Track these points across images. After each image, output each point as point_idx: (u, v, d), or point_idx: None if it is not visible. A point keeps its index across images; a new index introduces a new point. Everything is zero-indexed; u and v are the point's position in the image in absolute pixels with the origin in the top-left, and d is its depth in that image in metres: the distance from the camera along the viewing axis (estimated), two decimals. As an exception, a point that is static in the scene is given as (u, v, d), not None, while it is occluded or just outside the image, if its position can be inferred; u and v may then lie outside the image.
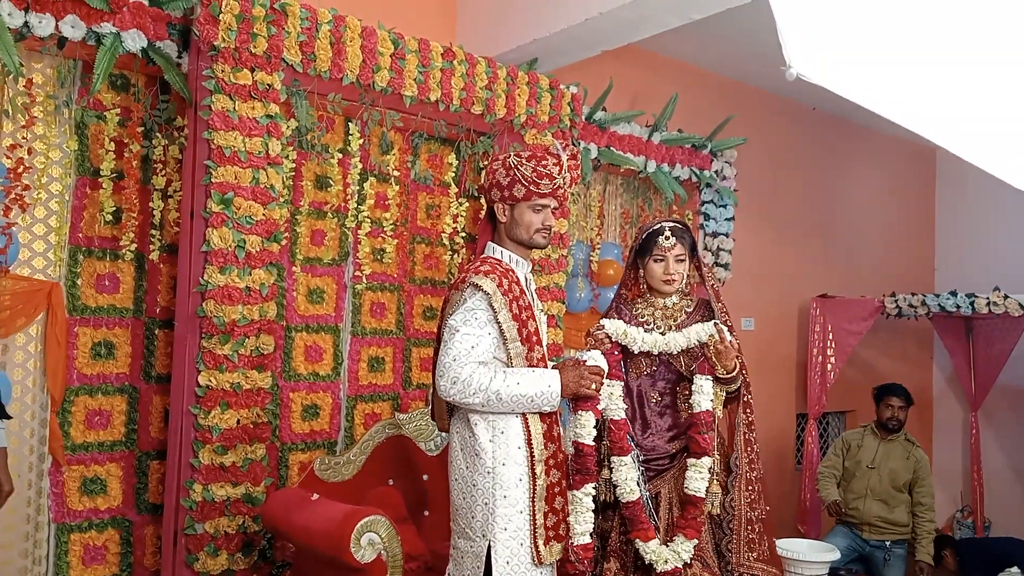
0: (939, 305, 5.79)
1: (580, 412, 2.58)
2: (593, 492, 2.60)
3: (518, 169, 2.48)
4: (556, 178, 2.50)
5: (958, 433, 7.15)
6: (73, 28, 3.05)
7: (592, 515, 2.58)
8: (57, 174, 3.26)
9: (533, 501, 2.40)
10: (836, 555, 3.97)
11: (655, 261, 2.84)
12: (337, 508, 2.98)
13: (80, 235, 3.31)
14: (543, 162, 2.49)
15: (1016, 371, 6.58)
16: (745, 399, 2.89)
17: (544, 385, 2.39)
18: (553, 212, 2.57)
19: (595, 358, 2.57)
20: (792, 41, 1.16)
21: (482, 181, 2.60)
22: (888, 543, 4.90)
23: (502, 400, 2.34)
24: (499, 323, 2.38)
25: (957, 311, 5.72)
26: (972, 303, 5.59)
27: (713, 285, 2.93)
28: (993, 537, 5.34)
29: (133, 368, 3.44)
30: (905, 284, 6.63)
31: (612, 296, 3.14)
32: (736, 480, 2.81)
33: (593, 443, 2.61)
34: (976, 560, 5.13)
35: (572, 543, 2.54)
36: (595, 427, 2.60)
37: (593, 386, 2.51)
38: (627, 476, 2.71)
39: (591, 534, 2.58)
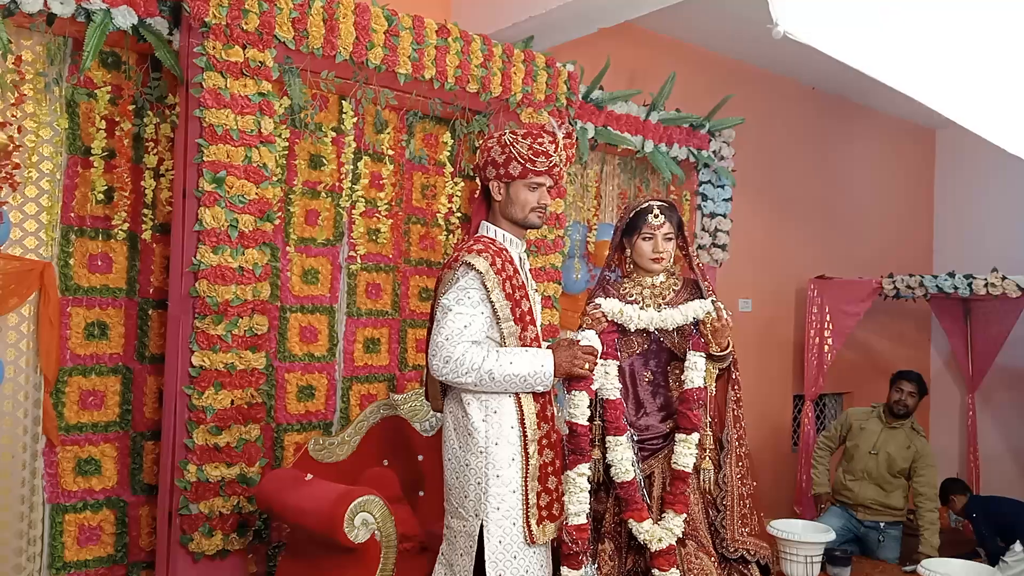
0: (937, 286, 5.77)
1: (574, 392, 2.58)
2: (588, 472, 2.60)
3: (513, 147, 2.45)
4: (552, 156, 2.48)
5: (955, 415, 7.16)
6: (62, 4, 3.01)
7: (587, 495, 2.59)
8: (48, 153, 3.23)
9: (526, 481, 2.40)
10: (831, 535, 3.97)
11: (644, 239, 2.83)
12: (331, 488, 2.98)
13: (72, 214, 3.28)
14: (539, 139, 2.47)
15: (1013, 353, 6.58)
16: (734, 376, 2.89)
17: (537, 365, 2.38)
18: (548, 191, 2.55)
19: (589, 338, 2.57)
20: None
21: (477, 159, 2.58)
22: (883, 524, 4.91)
23: (495, 380, 2.32)
24: (492, 302, 2.37)
25: (955, 292, 5.70)
26: (970, 284, 5.58)
27: (699, 264, 2.93)
28: (1002, 497, 5.34)
29: (127, 348, 3.43)
30: (903, 265, 6.62)
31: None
32: (727, 455, 2.81)
33: (587, 423, 2.61)
34: (982, 514, 5.14)
35: (566, 523, 2.54)
36: (589, 407, 2.60)
37: (587, 366, 2.50)
38: (622, 456, 2.71)
39: (586, 515, 2.58)
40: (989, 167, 6.87)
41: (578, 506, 2.56)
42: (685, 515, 2.69)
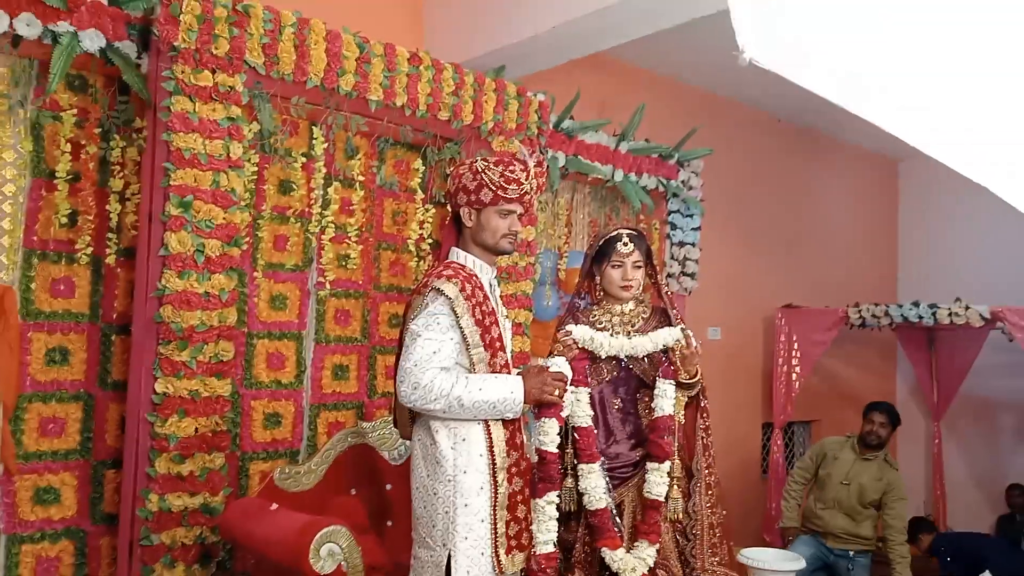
0: (902, 315, 5.86)
1: (543, 419, 2.56)
2: (556, 500, 2.58)
3: (485, 174, 2.46)
4: (523, 184, 2.48)
5: (921, 443, 7.23)
6: (28, 26, 2.98)
7: (555, 523, 2.56)
8: (11, 175, 3.18)
9: (495, 510, 2.37)
10: (801, 564, 3.98)
11: (613, 267, 2.85)
12: (296, 518, 2.93)
13: (35, 238, 3.22)
14: (510, 167, 2.48)
15: (978, 381, 6.67)
16: (703, 404, 2.90)
17: (507, 391, 2.36)
18: (519, 218, 2.55)
19: (559, 364, 2.56)
20: (745, 25, 1.15)
21: (448, 186, 2.58)
22: (852, 553, 4.92)
23: (464, 406, 2.30)
24: (461, 328, 2.35)
25: (919, 321, 5.78)
26: (934, 313, 5.66)
27: (668, 292, 2.95)
28: (968, 532, 5.39)
29: (89, 375, 3.36)
30: (869, 294, 6.70)
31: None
32: (697, 484, 2.81)
33: (556, 451, 2.59)
34: (948, 550, 5.18)
35: (535, 552, 2.51)
36: (559, 434, 2.59)
37: (556, 393, 2.49)
38: (595, 484, 2.70)
39: (553, 543, 2.56)
40: (952, 198, 7.01)
41: (547, 534, 2.54)
42: (657, 545, 2.68)
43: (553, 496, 2.56)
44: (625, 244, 2.84)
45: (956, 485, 6.89)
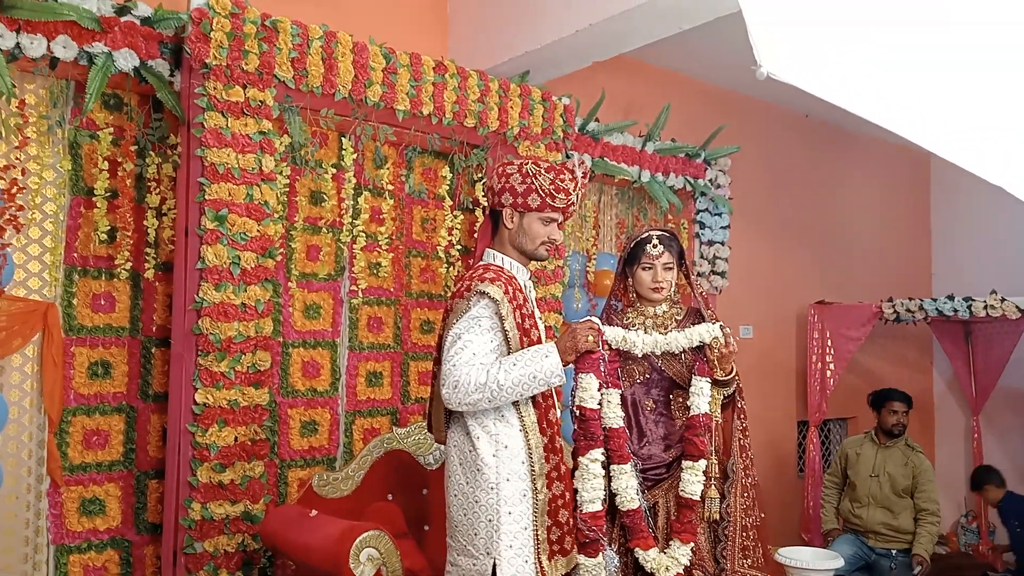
0: (936, 309, 5.78)
1: (582, 375, 2.54)
2: (601, 458, 2.56)
3: (536, 179, 2.45)
4: (571, 194, 2.49)
5: (960, 438, 7.13)
6: (65, 48, 3.06)
7: (601, 481, 2.54)
8: (51, 194, 3.26)
9: (535, 516, 2.38)
10: (840, 563, 3.95)
11: (643, 269, 2.85)
12: (335, 524, 2.97)
13: (75, 255, 3.31)
14: (560, 176, 2.47)
15: (1016, 374, 6.56)
16: (739, 404, 2.89)
17: (541, 356, 2.32)
18: (558, 226, 2.55)
19: (588, 319, 2.53)
20: (762, 39, 1.16)
21: (491, 184, 2.56)
22: (894, 552, 4.87)
23: (503, 387, 2.27)
24: (505, 331, 2.35)
25: (955, 315, 5.71)
26: (969, 306, 5.58)
27: (702, 292, 2.94)
28: None
29: (130, 387, 3.43)
30: (902, 289, 6.62)
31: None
32: (732, 485, 2.80)
33: (597, 407, 2.58)
34: (1015, 513, 5.18)
35: (581, 511, 2.51)
36: (598, 390, 2.56)
37: (591, 338, 2.43)
38: (627, 484, 2.69)
39: (601, 501, 2.55)
40: (985, 189, 6.88)
41: (592, 492, 2.52)
42: (692, 544, 2.68)
43: (597, 453, 2.54)
44: (655, 246, 2.83)
45: (997, 480, 6.78)
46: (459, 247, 4.19)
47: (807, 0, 1.32)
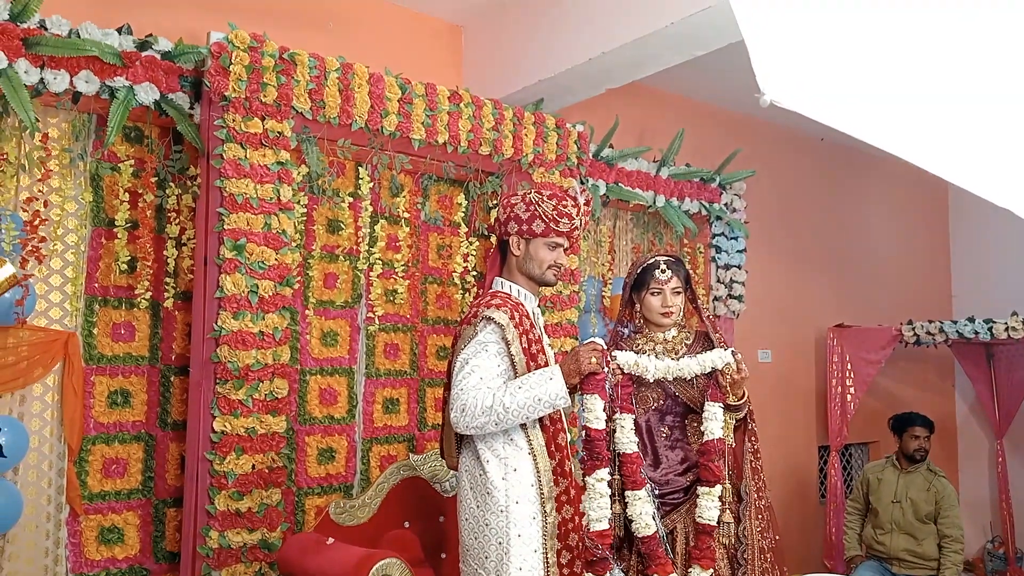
0: (957, 332, 5.73)
1: (587, 396, 2.51)
2: (607, 477, 2.54)
3: (539, 205, 2.53)
4: (574, 219, 2.56)
5: (984, 462, 7.02)
6: (87, 83, 3.13)
7: (607, 500, 2.51)
8: (73, 225, 3.32)
9: (544, 539, 2.38)
10: (862, 589, 3.89)
11: (652, 295, 2.85)
12: (352, 552, 2.97)
13: (96, 285, 3.35)
14: (563, 202, 2.55)
15: (1041, 396, 6.47)
16: (751, 427, 2.87)
17: (545, 379, 2.34)
18: (564, 251, 2.62)
19: (593, 340, 2.53)
20: (764, 66, 1.17)
21: (497, 215, 2.65)
22: (917, 577, 4.80)
23: (510, 411, 2.30)
24: (511, 355, 2.40)
25: (976, 337, 5.66)
26: (991, 329, 5.53)
27: (709, 316, 2.94)
28: None
29: (149, 416, 3.46)
30: (922, 311, 6.57)
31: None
32: (747, 508, 2.78)
33: (603, 427, 2.56)
34: None
35: (588, 529, 2.49)
36: (603, 411, 2.55)
37: (594, 359, 2.42)
38: (642, 510, 2.66)
39: (607, 520, 2.53)
40: (1004, 210, 6.86)
41: (599, 511, 2.50)
42: (712, 570, 2.66)
43: (603, 473, 2.52)
44: (663, 271, 2.84)
45: (1023, 504, 6.67)
46: (475, 273, 4.21)
47: (810, 27, 1.33)
